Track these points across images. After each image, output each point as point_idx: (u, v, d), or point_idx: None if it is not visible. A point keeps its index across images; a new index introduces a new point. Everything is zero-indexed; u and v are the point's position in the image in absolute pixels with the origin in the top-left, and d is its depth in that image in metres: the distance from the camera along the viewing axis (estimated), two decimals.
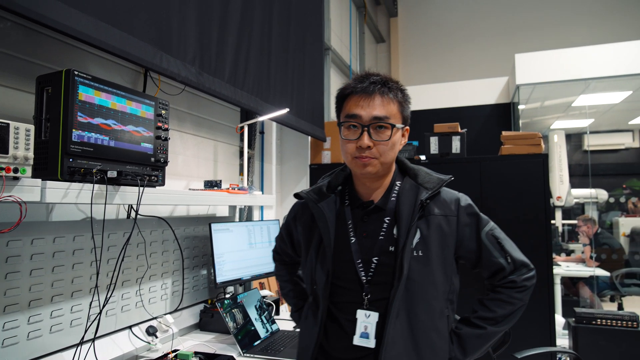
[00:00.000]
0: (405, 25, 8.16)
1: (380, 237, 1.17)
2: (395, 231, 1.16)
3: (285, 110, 2.60)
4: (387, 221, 1.18)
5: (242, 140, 2.82)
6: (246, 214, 3.00)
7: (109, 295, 1.53)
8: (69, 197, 1.28)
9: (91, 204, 1.30)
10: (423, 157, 3.50)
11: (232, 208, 2.77)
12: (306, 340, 1.22)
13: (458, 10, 7.61)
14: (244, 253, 2.31)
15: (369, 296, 1.14)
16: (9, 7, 1.21)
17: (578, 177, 6.65)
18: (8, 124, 1.07)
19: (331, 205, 1.22)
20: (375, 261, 1.15)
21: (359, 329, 1.13)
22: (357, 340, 1.13)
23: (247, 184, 3.13)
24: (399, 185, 1.21)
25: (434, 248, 1.15)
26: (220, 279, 2.11)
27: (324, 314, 1.18)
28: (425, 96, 5.47)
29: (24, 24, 1.53)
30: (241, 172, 2.85)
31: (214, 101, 2.63)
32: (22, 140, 1.10)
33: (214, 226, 2.15)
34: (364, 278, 1.15)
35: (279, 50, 2.83)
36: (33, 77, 1.36)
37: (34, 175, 1.32)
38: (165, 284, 2.05)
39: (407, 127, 1.22)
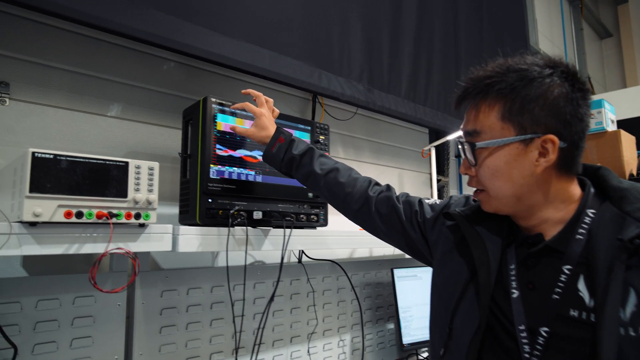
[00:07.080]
0: (639, 12, 6.56)
1: (555, 296, 0.72)
2: (582, 287, 0.71)
3: None
4: (566, 271, 0.72)
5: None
6: None
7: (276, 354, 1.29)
8: (208, 244, 1.09)
9: (227, 251, 1.08)
10: None
11: None
12: None
13: None
14: None
15: None
16: (185, 50, 1.26)
17: None
18: (127, 163, 0.92)
19: (494, 231, 0.82)
20: (544, 332, 0.71)
21: None
22: None
23: None
24: (592, 215, 0.74)
25: None
26: (407, 339, 1.70)
27: None
28: None
29: (186, 62, 1.48)
30: None
31: (395, 124, 2.30)
32: (145, 180, 0.94)
33: (397, 272, 1.77)
34: (527, 355, 0.71)
35: (469, 56, 2.36)
36: None
37: (181, 221, 1.19)
38: (342, 341, 1.74)
39: (548, 136, 0.73)
